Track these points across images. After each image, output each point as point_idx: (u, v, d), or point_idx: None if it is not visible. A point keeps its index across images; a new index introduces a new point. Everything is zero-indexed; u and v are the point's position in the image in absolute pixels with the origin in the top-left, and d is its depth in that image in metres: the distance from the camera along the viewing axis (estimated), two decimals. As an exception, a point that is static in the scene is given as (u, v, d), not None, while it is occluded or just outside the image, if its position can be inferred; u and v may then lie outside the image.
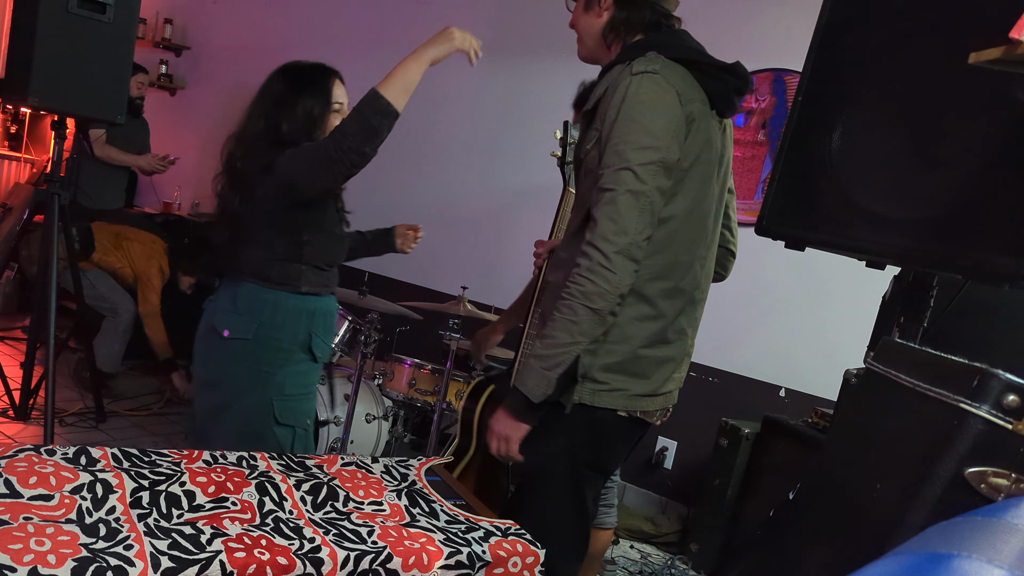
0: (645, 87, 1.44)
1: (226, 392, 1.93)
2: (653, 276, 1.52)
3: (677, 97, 1.45)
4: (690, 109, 1.47)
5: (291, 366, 1.96)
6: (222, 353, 1.92)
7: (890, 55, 1.35)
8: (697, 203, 1.54)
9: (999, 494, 0.83)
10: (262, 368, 1.92)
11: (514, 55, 3.98)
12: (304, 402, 2.01)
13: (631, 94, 1.44)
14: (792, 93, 2.55)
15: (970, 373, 0.88)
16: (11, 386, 3.35)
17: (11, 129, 5.76)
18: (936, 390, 0.92)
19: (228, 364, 1.93)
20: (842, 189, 1.39)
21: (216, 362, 1.95)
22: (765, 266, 3.38)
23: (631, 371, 1.54)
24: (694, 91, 1.49)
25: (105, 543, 1.04)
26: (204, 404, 2.00)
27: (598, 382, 1.53)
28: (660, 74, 1.44)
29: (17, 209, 4.84)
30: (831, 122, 1.41)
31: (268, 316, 1.91)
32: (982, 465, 0.85)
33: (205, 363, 1.98)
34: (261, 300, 1.91)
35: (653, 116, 1.43)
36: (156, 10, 5.77)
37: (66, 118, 2.98)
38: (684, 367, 1.67)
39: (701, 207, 1.56)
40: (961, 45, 1.13)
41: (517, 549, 1.28)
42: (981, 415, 0.85)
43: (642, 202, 1.43)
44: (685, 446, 3.60)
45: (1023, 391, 0.84)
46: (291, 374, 1.96)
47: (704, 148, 1.52)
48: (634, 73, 1.45)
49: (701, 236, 1.58)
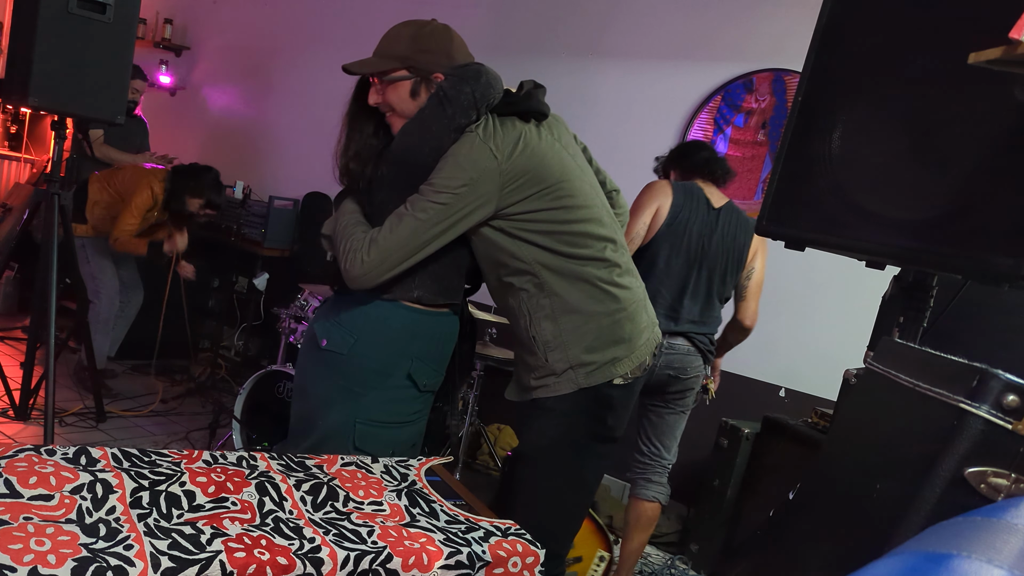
0: (464, 144, 1.62)
1: (313, 403, 1.82)
2: (573, 259, 1.67)
3: (491, 153, 1.60)
4: (507, 152, 1.61)
5: (384, 391, 1.77)
6: (316, 363, 1.81)
7: (890, 55, 1.35)
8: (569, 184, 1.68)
9: (999, 494, 0.83)
10: (351, 387, 1.76)
11: (514, 55, 3.98)
12: (393, 431, 1.81)
13: (455, 150, 1.63)
14: (792, 93, 2.55)
15: (970, 373, 0.88)
16: (11, 386, 3.35)
17: (11, 129, 5.76)
18: (936, 390, 0.92)
19: (319, 376, 1.81)
20: (842, 189, 1.39)
21: (310, 371, 1.84)
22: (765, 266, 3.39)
23: (609, 340, 1.68)
24: (508, 132, 1.63)
25: (105, 543, 1.04)
26: (295, 409, 1.90)
27: (587, 364, 1.67)
28: (475, 132, 1.62)
29: (17, 209, 4.84)
30: (831, 122, 1.41)
31: (369, 333, 1.75)
32: (982, 465, 0.85)
33: (302, 369, 1.87)
34: (365, 314, 1.75)
35: (463, 170, 1.61)
36: (156, 10, 5.77)
37: (66, 118, 2.99)
38: (647, 310, 1.81)
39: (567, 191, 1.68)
40: (961, 45, 1.13)
41: (517, 549, 1.28)
42: (981, 415, 0.85)
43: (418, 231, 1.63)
44: (685, 446, 3.60)
45: (1023, 391, 0.84)
46: (383, 400, 1.77)
47: (538, 165, 1.64)
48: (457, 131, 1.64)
49: (591, 205, 1.72)
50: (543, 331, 1.69)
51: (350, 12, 4.89)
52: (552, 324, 1.68)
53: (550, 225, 1.66)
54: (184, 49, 5.87)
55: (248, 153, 5.35)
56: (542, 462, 1.73)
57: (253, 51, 5.46)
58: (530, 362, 1.73)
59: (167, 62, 5.83)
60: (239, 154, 5.36)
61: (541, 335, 1.69)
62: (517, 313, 1.73)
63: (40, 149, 5.84)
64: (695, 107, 3.62)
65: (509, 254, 1.68)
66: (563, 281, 1.67)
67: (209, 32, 5.79)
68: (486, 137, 1.60)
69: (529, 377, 1.74)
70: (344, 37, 4.86)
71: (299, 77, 5.18)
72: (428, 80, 1.67)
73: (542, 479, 1.73)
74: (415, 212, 1.60)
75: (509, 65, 3.94)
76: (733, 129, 3.53)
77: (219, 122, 5.74)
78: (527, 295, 1.70)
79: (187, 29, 5.88)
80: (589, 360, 1.67)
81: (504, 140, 1.60)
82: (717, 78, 3.57)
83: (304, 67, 5.14)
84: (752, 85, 3.48)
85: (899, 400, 1.01)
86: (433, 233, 1.61)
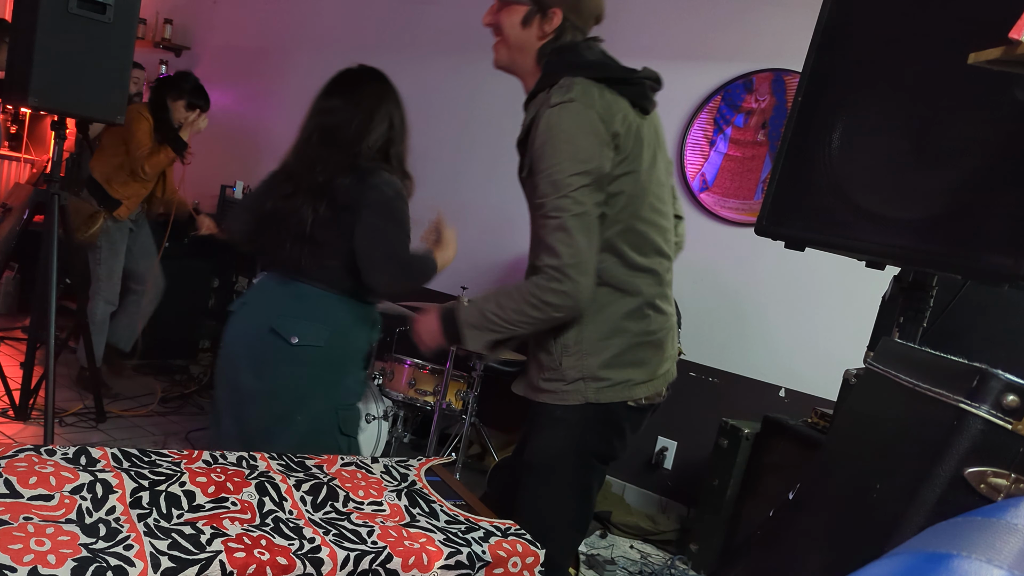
0: (565, 117, 1.51)
1: (289, 401, 1.85)
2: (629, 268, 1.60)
3: (598, 116, 1.51)
4: (614, 126, 1.53)
5: (354, 375, 1.93)
6: (285, 361, 1.84)
7: (890, 55, 1.35)
8: (644, 189, 1.61)
9: (999, 494, 0.83)
10: (331, 376, 1.87)
11: (514, 55, 3.98)
12: (356, 411, 1.99)
13: (553, 125, 1.51)
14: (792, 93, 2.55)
15: (970, 373, 0.88)
16: (11, 386, 3.35)
17: (11, 129, 5.76)
18: (936, 390, 0.92)
19: (294, 372, 1.85)
20: (842, 189, 1.39)
21: (279, 369, 1.86)
22: (765, 266, 3.39)
23: (629, 361, 1.61)
24: (615, 104, 1.54)
25: (105, 543, 1.04)
26: (261, 414, 1.88)
27: (601, 379, 1.59)
28: (577, 101, 1.51)
29: (17, 209, 4.84)
30: (831, 122, 1.41)
31: (340, 323, 1.88)
32: (982, 465, 0.85)
33: (261, 370, 1.87)
34: (334, 307, 1.88)
35: (578, 142, 1.50)
36: (156, 10, 5.77)
37: (66, 118, 2.99)
38: (674, 341, 1.74)
39: (650, 191, 1.62)
40: (961, 45, 1.13)
41: (517, 549, 1.28)
42: (981, 415, 0.85)
43: (586, 221, 1.51)
44: (685, 446, 3.61)
45: (1023, 391, 0.84)
46: (354, 383, 1.94)
47: (636, 145, 1.58)
48: (552, 105, 1.51)
49: (658, 215, 1.66)
50: (564, 333, 1.61)
51: (350, 12, 4.89)
52: (576, 329, 1.60)
53: (626, 212, 1.58)
54: (184, 49, 5.86)
55: (248, 153, 5.34)
56: (548, 472, 1.67)
57: (253, 51, 5.46)
58: (543, 360, 1.66)
59: (167, 62, 5.83)
60: (239, 154, 5.36)
61: (561, 336, 1.61)
62: None
63: (40, 149, 5.83)
64: (695, 107, 3.61)
65: None
66: (607, 289, 1.59)
67: (209, 32, 5.78)
68: (589, 102, 1.52)
69: (539, 377, 1.67)
70: (344, 37, 4.86)
71: (299, 77, 5.17)
72: (544, 13, 1.59)
73: (548, 488, 1.67)
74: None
75: (509, 65, 3.95)
76: (733, 129, 3.53)
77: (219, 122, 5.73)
78: None
79: (187, 29, 5.88)
80: (603, 376, 1.59)
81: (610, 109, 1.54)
82: (717, 78, 3.56)
83: (304, 67, 5.13)
84: (752, 85, 3.48)
85: (898, 400, 1.01)
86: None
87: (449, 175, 4.26)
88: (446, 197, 4.29)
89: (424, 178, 4.64)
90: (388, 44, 4.44)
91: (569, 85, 1.53)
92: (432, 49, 4.34)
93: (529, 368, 1.73)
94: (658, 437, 3.64)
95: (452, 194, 4.18)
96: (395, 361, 3.27)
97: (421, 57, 4.31)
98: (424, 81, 4.22)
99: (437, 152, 4.25)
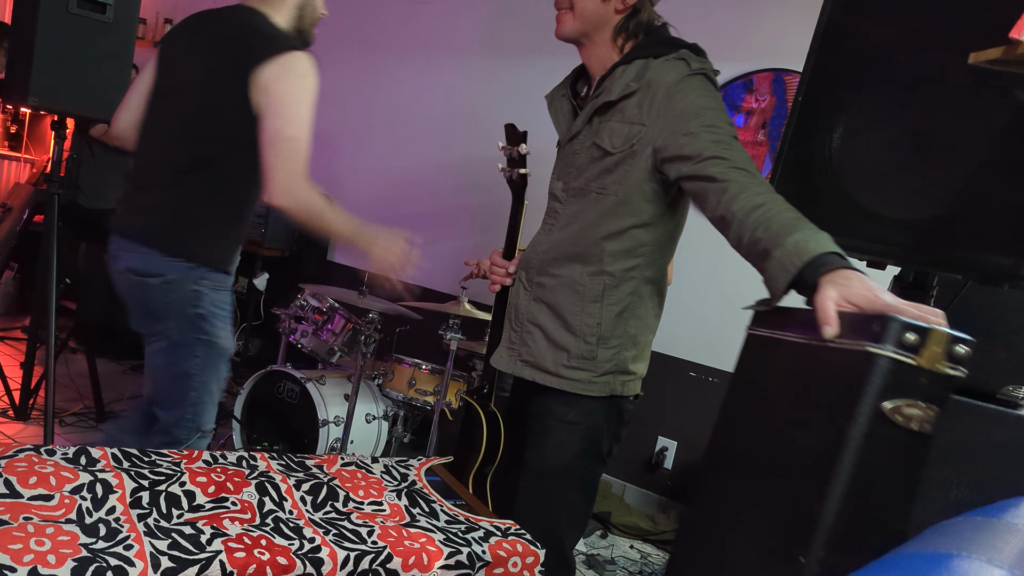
0: (708, 85, 1.52)
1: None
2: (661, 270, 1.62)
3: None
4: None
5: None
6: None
7: (890, 55, 1.35)
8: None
9: (912, 422, 0.94)
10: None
11: (513, 55, 3.98)
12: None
13: (701, 87, 1.50)
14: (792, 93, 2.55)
15: (869, 320, 0.97)
16: (11, 386, 3.35)
17: (11, 129, 5.76)
18: (839, 340, 1.01)
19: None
20: (842, 189, 1.39)
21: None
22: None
23: (645, 356, 1.66)
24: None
25: (105, 543, 1.04)
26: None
27: (629, 373, 1.62)
28: (708, 73, 1.54)
29: (17, 209, 4.84)
30: (831, 122, 1.41)
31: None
32: (895, 399, 0.93)
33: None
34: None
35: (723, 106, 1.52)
36: (156, 10, 5.77)
37: (66, 118, 2.99)
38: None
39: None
40: (961, 45, 1.13)
41: (517, 549, 1.28)
42: (887, 355, 0.93)
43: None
44: (685, 446, 3.60)
45: (920, 329, 0.93)
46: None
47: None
48: (693, 72, 1.51)
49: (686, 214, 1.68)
50: (605, 321, 1.55)
51: (350, 12, 4.89)
52: (618, 320, 1.55)
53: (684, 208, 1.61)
54: (184, 49, 5.86)
55: (248, 153, 5.35)
56: (564, 474, 1.63)
57: (253, 51, 5.46)
58: (568, 345, 1.57)
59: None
60: (239, 154, 5.37)
61: (603, 324, 1.55)
62: (582, 286, 1.56)
63: (40, 149, 5.83)
64: (695, 107, 3.62)
65: (639, 216, 1.53)
66: (648, 285, 1.59)
67: (209, 32, 5.78)
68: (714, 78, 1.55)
69: (559, 361, 1.58)
70: (344, 37, 4.86)
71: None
72: None
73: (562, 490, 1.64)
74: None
75: (509, 65, 3.95)
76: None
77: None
78: (610, 279, 1.55)
79: (187, 29, 5.88)
80: (632, 370, 1.61)
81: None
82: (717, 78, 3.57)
83: (304, 67, 5.13)
84: (752, 85, 3.48)
85: (793, 356, 1.10)
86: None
87: (449, 176, 4.26)
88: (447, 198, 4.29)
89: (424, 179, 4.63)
90: (386, 44, 4.44)
91: (693, 58, 1.54)
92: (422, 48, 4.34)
93: (536, 347, 1.62)
94: (658, 437, 3.64)
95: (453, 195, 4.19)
96: (395, 361, 3.27)
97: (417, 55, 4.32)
98: (423, 81, 4.22)
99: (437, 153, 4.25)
